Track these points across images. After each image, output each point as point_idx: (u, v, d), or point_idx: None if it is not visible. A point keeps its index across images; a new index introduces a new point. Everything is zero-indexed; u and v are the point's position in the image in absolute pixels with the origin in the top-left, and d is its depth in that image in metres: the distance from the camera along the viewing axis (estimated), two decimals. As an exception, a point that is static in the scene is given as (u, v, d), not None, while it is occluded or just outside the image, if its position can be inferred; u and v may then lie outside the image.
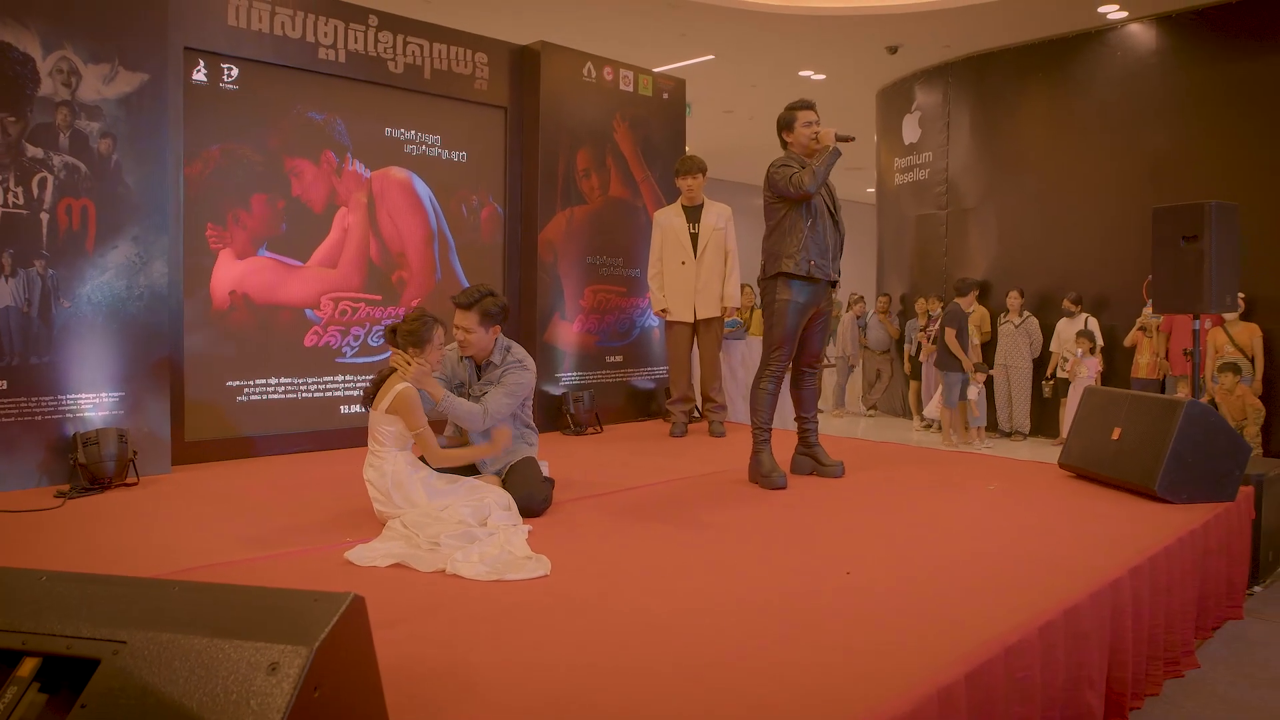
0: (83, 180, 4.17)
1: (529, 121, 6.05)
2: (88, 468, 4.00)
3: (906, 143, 11.29)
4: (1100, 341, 8.77)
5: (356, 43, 5.24)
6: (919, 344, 10.19)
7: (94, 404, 4.20)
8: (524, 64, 6.06)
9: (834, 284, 4.39)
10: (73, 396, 4.15)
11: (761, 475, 4.26)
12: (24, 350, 4.02)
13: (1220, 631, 3.67)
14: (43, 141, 4.07)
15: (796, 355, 4.42)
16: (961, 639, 2.25)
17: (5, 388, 3.98)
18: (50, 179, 4.09)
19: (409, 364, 3.43)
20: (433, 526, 3.11)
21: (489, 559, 2.90)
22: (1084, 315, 8.90)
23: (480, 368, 3.79)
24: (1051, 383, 9.19)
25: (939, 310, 9.79)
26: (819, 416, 4.64)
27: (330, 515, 3.61)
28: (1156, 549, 3.14)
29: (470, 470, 3.71)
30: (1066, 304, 9.02)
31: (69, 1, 4.12)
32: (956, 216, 10.61)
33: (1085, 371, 8.60)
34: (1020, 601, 2.54)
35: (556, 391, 6.09)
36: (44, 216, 4.07)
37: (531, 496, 3.59)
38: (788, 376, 4.47)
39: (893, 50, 10.26)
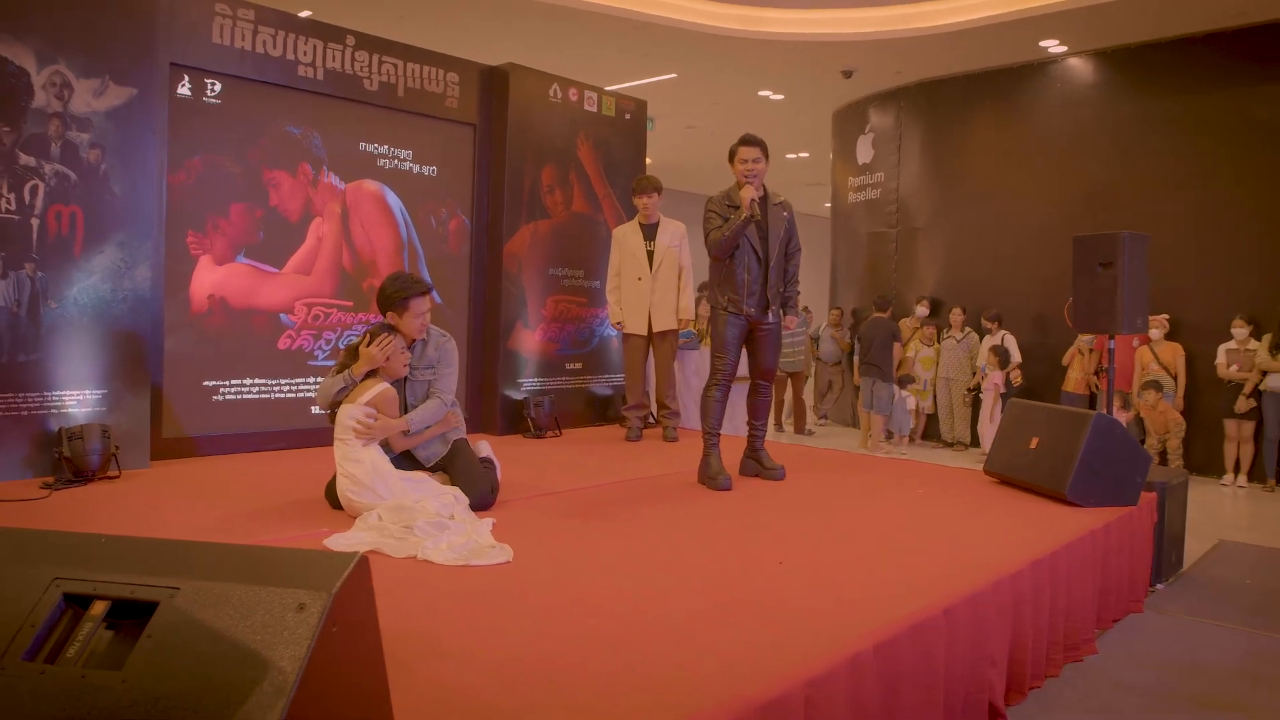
0: (72, 188, 4.39)
1: (497, 138, 6.34)
2: (72, 461, 4.21)
3: (860, 162, 11.75)
4: (1017, 357, 9.25)
5: (334, 61, 5.50)
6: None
7: (78, 400, 4.41)
8: (493, 84, 6.35)
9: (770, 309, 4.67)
10: (58, 393, 4.36)
11: (709, 477, 4.60)
12: (12, 348, 4.23)
13: (1120, 623, 4.06)
14: (35, 150, 4.28)
15: (750, 369, 4.82)
16: (871, 617, 2.59)
17: (-6, 384, 4.19)
18: (41, 186, 4.30)
19: (369, 427, 3.69)
20: (407, 515, 3.39)
21: (456, 547, 3.18)
22: (1001, 332, 9.39)
23: (411, 346, 3.98)
24: (973, 394, 9.69)
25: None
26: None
27: (304, 507, 3.87)
28: (1057, 546, 3.51)
29: (413, 464, 3.95)
30: (984, 322, 9.55)
31: (64, 18, 4.34)
32: (906, 235, 11.07)
33: (986, 384, 9.11)
34: (930, 588, 2.89)
35: (518, 396, 6.38)
36: (34, 221, 4.29)
37: (480, 493, 3.87)
38: (740, 387, 4.82)
39: (847, 74, 10.71)
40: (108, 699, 1.30)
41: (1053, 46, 9.56)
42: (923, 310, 10.35)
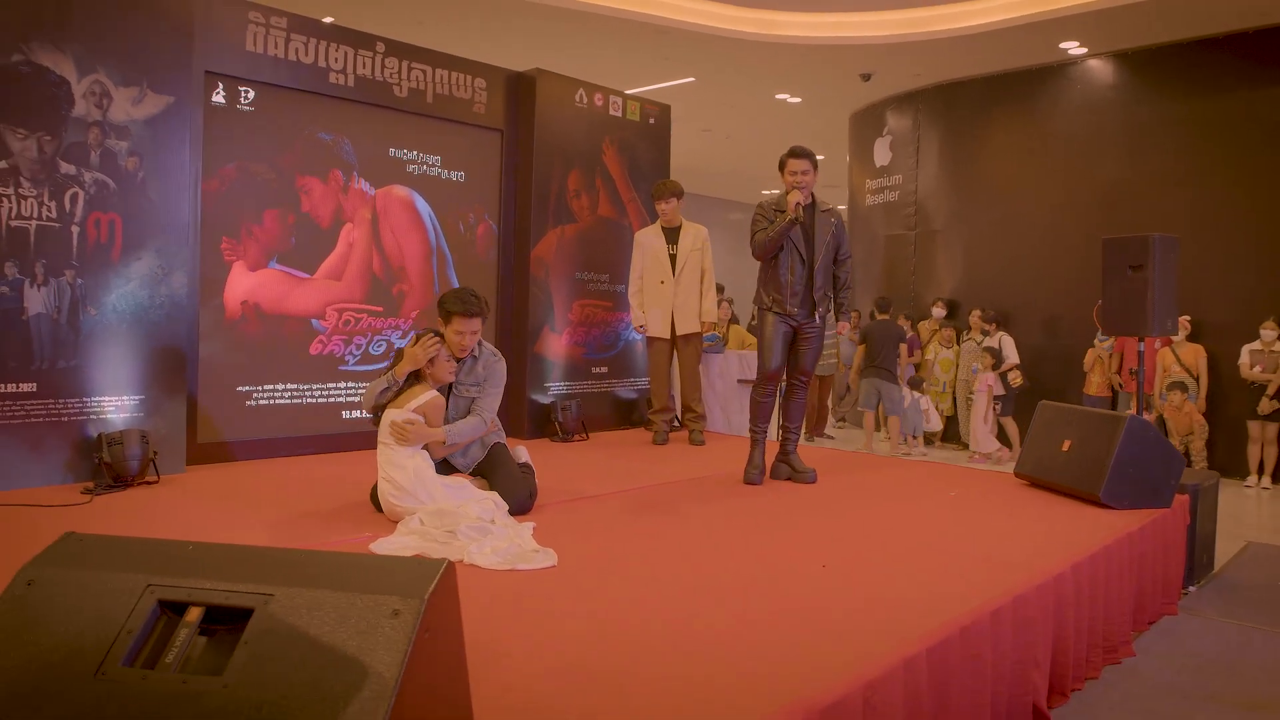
0: (111, 195, 4.43)
1: (524, 144, 6.37)
2: (112, 466, 4.25)
3: (878, 165, 11.74)
4: (1013, 359, 9.22)
5: (364, 68, 5.54)
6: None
7: (116, 406, 4.46)
8: (520, 89, 6.39)
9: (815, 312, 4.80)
10: (97, 399, 4.41)
11: (745, 470, 4.82)
12: (53, 355, 4.28)
13: (1156, 626, 4.06)
14: (75, 159, 4.33)
15: (789, 369, 4.90)
16: (922, 620, 2.60)
17: (35, 390, 4.23)
18: (81, 194, 4.35)
19: (410, 431, 3.72)
20: (449, 519, 3.41)
21: (500, 551, 3.21)
22: (999, 334, 9.37)
23: (461, 360, 4.02)
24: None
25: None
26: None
27: (345, 512, 3.90)
28: (1097, 548, 3.52)
29: (448, 468, 3.98)
30: (982, 324, 9.53)
31: (103, 28, 4.39)
32: (925, 237, 11.07)
33: (978, 385, 9.09)
34: (974, 590, 2.90)
35: (545, 400, 6.40)
36: (74, 229, 4.33)
37: (520, 498, 3.90)
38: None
39: (866, 78, 10.72)
40: (209, 704, 1.32)
41: (1072, 48, 9.55)
42: (939, 312, 10.35)
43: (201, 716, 1.31)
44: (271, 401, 5.28)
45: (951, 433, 10.37)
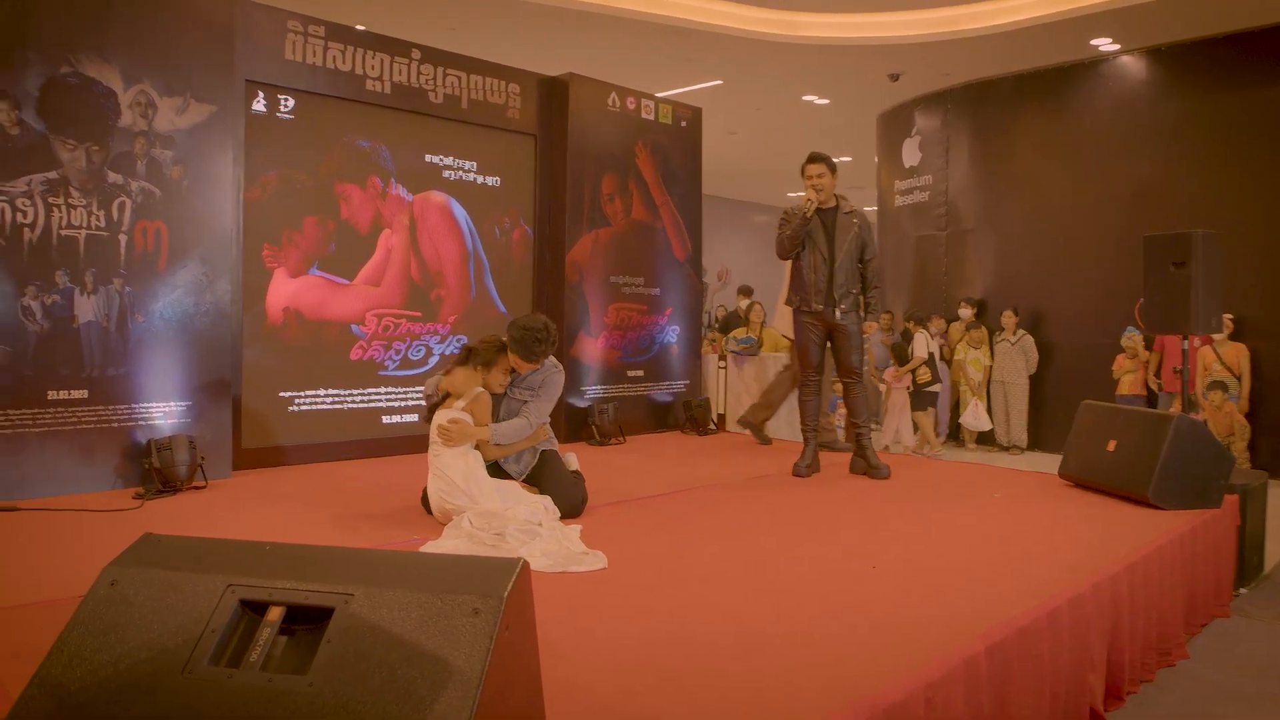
0: (157, 204, 4.50)
1: (557, 148, 6.39)
2: (161, 471, 4.30)
3: (906, 165, 11.67)
4: (921, 354, 9.04)
5: (401, 75, 5.58)
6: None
7: (164, 412, 4.51)
8: (553, 94, 6.41)
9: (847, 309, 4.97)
10: (145, 405, 4.46)
11: (795, 462, 5.07)
12: (103, 362, 4.34)
13: (1208, 628, 3.99)
14: (122, 168, 4.39)
15: (836, 370, 5.13)
16: (979, 620, 2.58)
17: (86, 396, 4.29)
18: (128, 203, 4.41)
19: (453, 431, 3.75)
20: (497, 522, 3.42)
21: (550, 553, 3.21)
22: (919, 331, 9.22)
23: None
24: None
25: (943, 328, 10.17)
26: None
27: (393, 514, 3.93)
28: (1150, 549, 3.47)
29: (501, 474, 4.00)
30: (910, 324, 9.41)
31: (147, 40, 4.45)
32: (955, 237, 10.98)
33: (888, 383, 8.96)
34: (1029, 591, 2.87)
35: (582, 404, 6.42)
36: (122, 238, 4.40)
37: (571, 503, 3.91)
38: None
39: (894, 78, 10.67)
40: (295, 703, 1.33)
41: (1104, 45, 9.46)
42: (965, 312, 10.25)
43: (289, 715, 1.32)
44: (314, 407, 5.33)
45: (985, 434, 10.27)
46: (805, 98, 11.80)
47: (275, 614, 1.47)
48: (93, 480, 4.32)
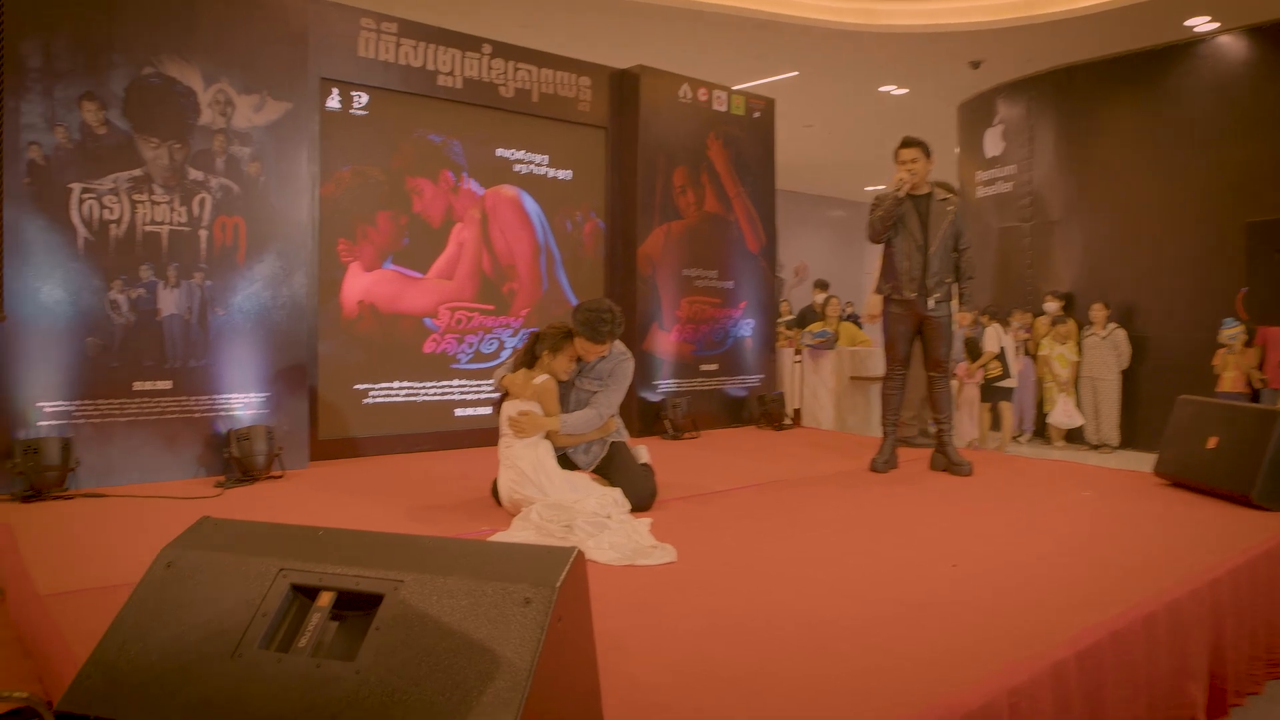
0: (235, 200, 4.58)
1: (628, 141, 6.34)
2: (241, 461, 4.38)
3: (988, 155, 11.30)
4: (993, 348, 8.55)
5: (472, 69, 5.60)
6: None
7: (243, 403, 4.60)
8: (624, 86, 6.36)
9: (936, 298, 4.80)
10: (225, 396, 4.56)
11: (873, 457, 4.96)
12: (185, 354, 4.44)
13: (1320, 638, 3.73)
14: (202, 165, 4.49)
15: (924, 362, 4.98)
16: (1068, 623, 2.43)
17: (170, 387, 4.40)
18: (208, 199, 4.51)
19: (524, 422, 3.72)
20: (566, 514, 3.39)
21: (618, 546, 3.16)
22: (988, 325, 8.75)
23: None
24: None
25: (1029, 322, 9.81)
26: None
27: (463, 506, 3.92)
28: (1255, 552, 3.25)
29: (570, 466, 3.96)
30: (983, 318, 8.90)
31: (226, 39, 4.54)
32: (1041, 229, 10.60)
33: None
34: (1122, 593, 2.70)
35: (654, 398, 6.35)
36: (203, 233, 4.50)
37: (641, 496, 3.85)
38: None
39: (975, 65, 10.35)
40: (343, 689, 1.30)
41: (1200, 24, 9.00)
42: (1051, 306, 9.86)
43: (335, 701, 1.29)
44: (388, 399, 5.38)
45: (1074, 432, 9.88)
46: (883, 88, 11.53)
47: (326, 599, 1.44)
48: (177, 469, 4.43)
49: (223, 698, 1.33)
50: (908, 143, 4.82)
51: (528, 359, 3.89)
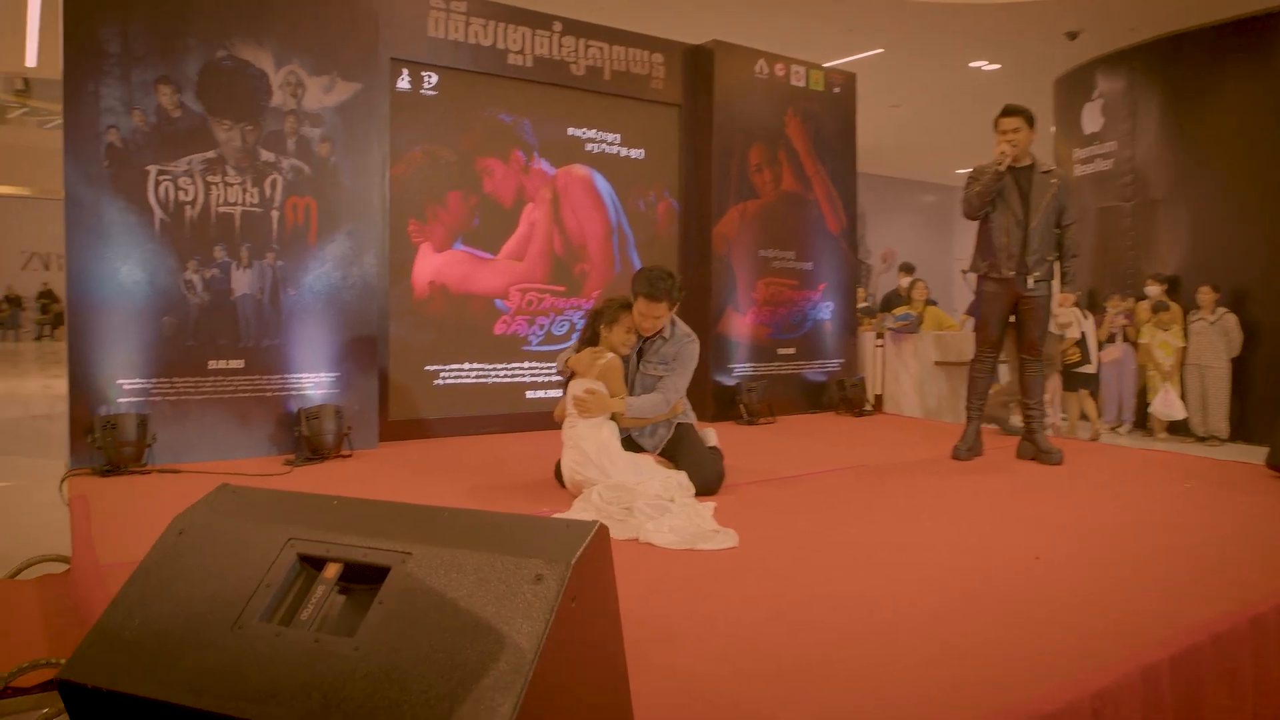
0: (306, 181, 4.61)
1: (703, 118, 6.19)
2: (310, 440, 4.41)
3: (1087, 132, 10.76)
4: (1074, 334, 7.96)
5: (542, 48, 5.53)
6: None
7: (314, 383, 4.64)
8: (698, 63, 6.21)
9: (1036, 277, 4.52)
10: (296, 376, 4.60)
11: (955, 444, 4.71)
12: (258, 333, 4.49)
13: None
14: (274, 147, 4.52)
15: (1017, 344, 4.72)
16: (1161, 625, 2.21)
17: (243, 366, 4.46)
18: (280, 180, 4.54)
19: (590, 402, 3.63)
20: (627, 495, 3.28)
21: (678, 530, 3.04)
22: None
23: (644, 339, 3.89)
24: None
25: (1130, 308, 9.28)
26: None
27: (526, 487, 3.86)
28: (1382, 549, 2.95)
29: (636, 449, 3.85)
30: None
31: (296, 20, 4.56)
32: (1143, 208, 10.04)
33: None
34: (1227, 593, 2.46)
35: (730, 382, 6.20)
36: (274, 214, 4.53)
37: (707, 479, 3.72)
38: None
39: (1072, 36, 9.82)
40: (340, 666, 1.21)
41: (1327, -16, 8.34)
42: (1153, 290, 9.29)
43: (332, 677, 1.20)
44: (458, 381, 5.36)
45: (1178, 423, 9.33)
46: (973, 64, 11.07)
47: (332, 571, 1.36)
48: (249, 446, 4.48)
49: (220, 670, 1.26)
50: (1009, 111, 4.54)
51: (589, 337, 3.81)
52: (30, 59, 12.04)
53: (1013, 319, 4.64)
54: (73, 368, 4.14)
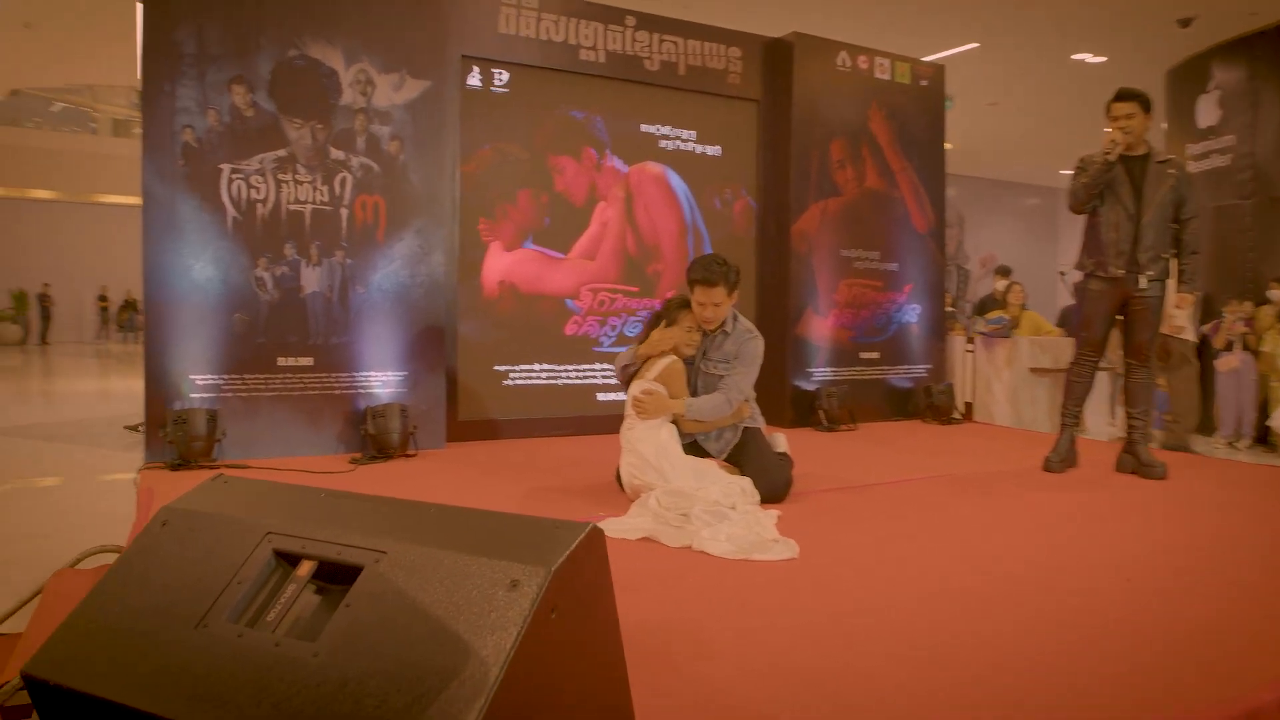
0: (375, 179, 4.61)
1: (782, 113, 6.00)
2: (376, 439, 4.40)
3: (1202, 126, 10.10)
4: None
5: (615, 43, 5.43)
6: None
7: (382, 381, 4.63)
8: (776, 56, 6.02)
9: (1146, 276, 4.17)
10: (364, 374, 4.59)
11: (1046, 455, 4.38)
12: (326, 331, 4.50)
13: None
14: (344, 145, 4.54)
15: (1124, 348, 4.40)
16: (1274, 659, 1.95)
17: (312, 364, 4.48)
18: (349, 178, 4.55)
19: (647, 403, 3.49)
20: (685, 501, 3.13)
21: (736, 539, 2.87)
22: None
23: (706, 336, 3.74)
24: None
25: (1250, 313, 8.66)
26: None
27: (587, 490, 3.75)
28: None
29: (700, 453, 3.70)
30: None
31: (366, 18, 4.57)
32: (1264, 206, 9.36)
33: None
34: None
35: (809, 387, 5.98)
36: (344, 212, 4.54)
37: (773, 486, 3.53)
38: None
39: (1185, 23, 9.25)
40: (296, 674, 1.11)
41: None
42: (1276, 294, 8.63)
43: (285, 685, 1.10)
44: (528, 382, 5.30)
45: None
46: (1076, 56, 10.54)
47: (305, 569, 1.26)
48: (317, 444, 4.50)
49: (177, 672, 1.17)
50: (1123, 95, 4.15)
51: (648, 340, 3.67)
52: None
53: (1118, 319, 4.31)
54: (149, 363, 4.22)
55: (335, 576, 1.23)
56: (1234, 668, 1.89)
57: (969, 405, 6.60)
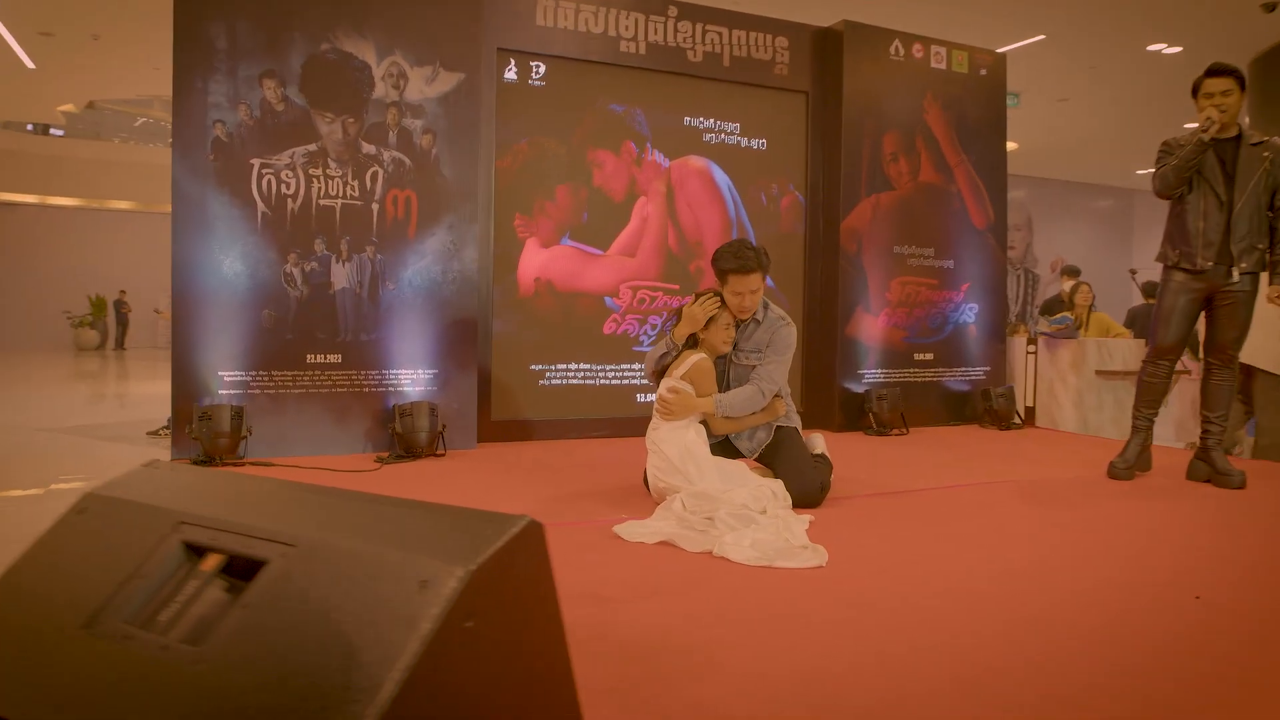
0: (407, 173, 4.52)
1: (832, 105, 5.77)
2: (403, 437, 4.29)
3: (1291, 118, 9.56)
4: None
5: (656, 34, 5.27)
6: None
7: (411, 380, 4.53)
8: (826, 46, 5.80)
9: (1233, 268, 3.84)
10: (394, 372, 4.50)
11: (1112, 461, 4.10)
12: (356, 328, 4.42)
13: None
14: (375, 139, 4.46)
15: (1205, 346, 4.08)
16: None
17: (340, 361, 4.40)
18: (381, 172, 4.47)
19: (672, 402, 3.32)
20: (710, 504, 2.95)
21: (761, 544, 2.67)
22: None
23: (742, 325, 3.54)
24: None
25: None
26: None
27: (615, 493, 3.59)
28: None
29: (732, 453, 3.50)
30: None
31: (400, 12, 4.49)
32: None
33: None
34: None
35: (858, 389, 5.73)
36: (374, 207, 4.46)
37: (806, 489, 3.32)
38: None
39: (1270, 8, 8.73)
40: (176, 681, 0.96)
41: None
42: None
43: (159, 695, 0.95)
44: (565, 381, 5.16)
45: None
46: (1151, 47, 10.06)
47: (211, 563, 1.12)
48: (345, 442, 4.41)
49: (64, 679, 1.03)
50: (1218, 70, 3.80)
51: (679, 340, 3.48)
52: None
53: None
54: (176, 359, 4.18)
55: (245, 572, 1.08)
56: (1317, 699, 1.64)
57: (1030, 410, 6.26)
